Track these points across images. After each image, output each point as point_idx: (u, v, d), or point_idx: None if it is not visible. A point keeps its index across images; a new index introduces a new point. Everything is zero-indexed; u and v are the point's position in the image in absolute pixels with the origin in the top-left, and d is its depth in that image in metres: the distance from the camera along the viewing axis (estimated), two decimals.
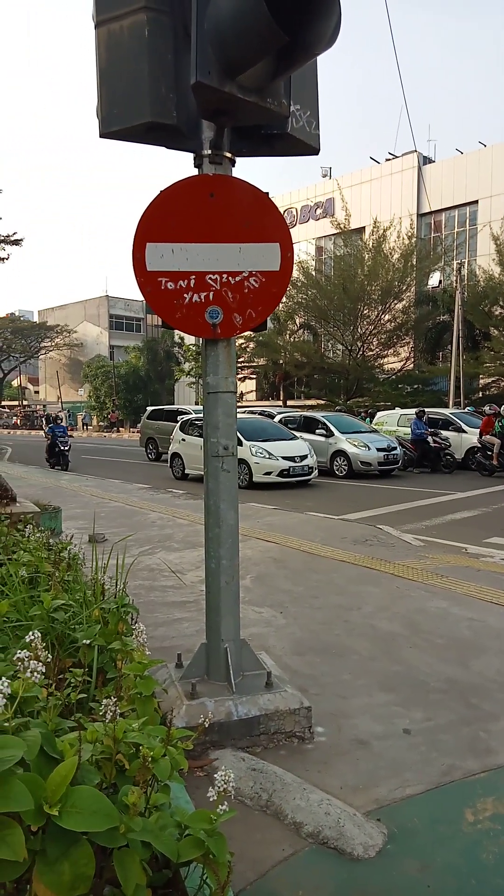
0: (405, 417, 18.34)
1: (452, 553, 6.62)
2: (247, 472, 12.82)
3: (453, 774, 2.53)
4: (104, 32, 2.50)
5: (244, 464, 12.71)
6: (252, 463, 12.82)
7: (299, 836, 2.13)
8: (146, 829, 1.30)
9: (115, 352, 62.19)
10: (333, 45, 2.19)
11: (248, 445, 12.91)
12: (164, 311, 2.72)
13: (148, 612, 4.39)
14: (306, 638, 4.04)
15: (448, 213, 38.26)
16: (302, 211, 43.31)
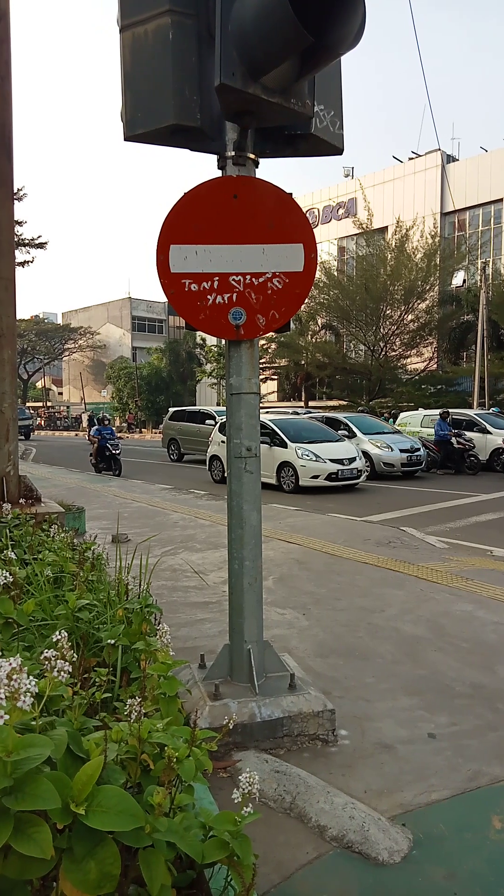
0: (428, 418, 18.16)
1: (477, 556, 6.54)
2: (292, 476, 12.39)
3: (479, 780, 2.50)
4: (129, 36, 2.52)
5: (289, 467, 12.43)
6: (298, 466, 12.31)
7: (323, 839, 2.11)
8: (171, 829, 1.30)
9: (137, 353, 62.66)
10: (358, 44, 2.18)
11: (294, 447, 12.47)
12: (187, 313, 2.73)
13: (171, 613, 4.40)
14: (329, 640, 4.02)
15: (472, 212, 37.84)
16: (324, 211, 43.18)
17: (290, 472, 12.45)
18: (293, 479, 12.38)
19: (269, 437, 12.90)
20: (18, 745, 1.14)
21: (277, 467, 12.71)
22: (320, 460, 12.36)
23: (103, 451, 16.10)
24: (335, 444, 13.24)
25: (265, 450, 12.76)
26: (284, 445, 12.68)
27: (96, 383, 65.03)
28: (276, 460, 12.72)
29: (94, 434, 16.63)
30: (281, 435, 12.86)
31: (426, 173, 39.14)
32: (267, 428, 13.06)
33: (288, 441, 12.63)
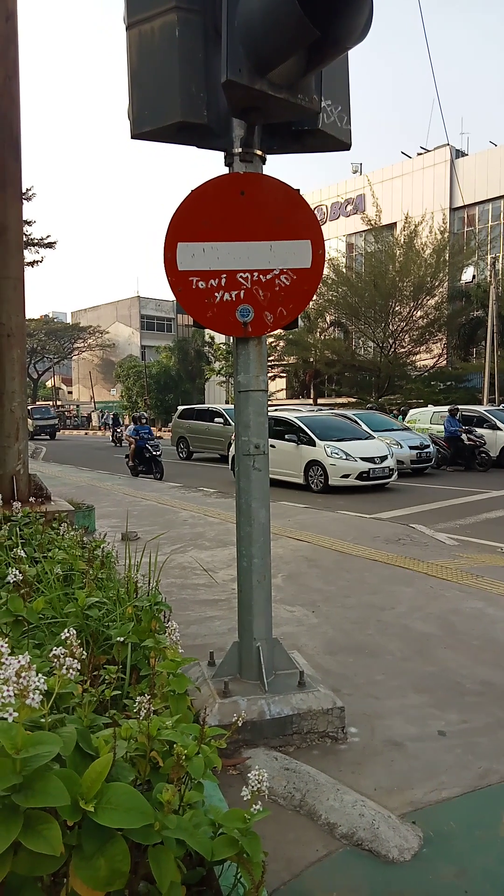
0: (438, 415, 18.09)
1: (487, 552, 6.50)
2: (321, 475, 11.97)
3: (490, 778, 2.49)
4: (135, 34, 2.51)
5: (318, 465, 12.04)
6: (328, 465, 11.88)
7: (333, 836, 2.11)
8: (180, 826, 1.30)
9: (146, 352, 62.71)
10: (365, 38, 2.16)
11: (323, 445, 12.07)
12: (195, 311, 2.73)
13: (180, 610, 4.41)
14: (339, 637, 4.02)
15: (482, 207, 37.58)
16: (332, 208, 43.04)
17: (318, 471, 12.06)
18: (322, 478, 11.98)
19: (296, 434, 12.61)
20: (28, 743, 1.14)
21: (305, 466, 12.31)
22: (351, 458, 11.94)
23: (142, 453, 14.79)
24: (365, 441, 12.84)
25: (291, 448, 12.53)
26: (312, 443, 12.27)
27: (105, 382, 65.20)
28: (303, 459, 12.35)
29: (131, 434, 15.25)
30: (308, 432, 12.47)
31: (435, 168, 38.91)
32: (293, 425, 12.82)
33: (316, 439, 12.23)
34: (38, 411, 42.72)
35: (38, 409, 43.83)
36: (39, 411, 43.08)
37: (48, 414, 43.55)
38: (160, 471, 14.56)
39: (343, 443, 12.33)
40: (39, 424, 40.13)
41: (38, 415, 41.67)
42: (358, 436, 13.13)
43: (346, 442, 12.42)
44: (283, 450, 12.62)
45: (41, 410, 43.83)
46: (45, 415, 42.78)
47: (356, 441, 12.66)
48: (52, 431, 41.38)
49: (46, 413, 43.61)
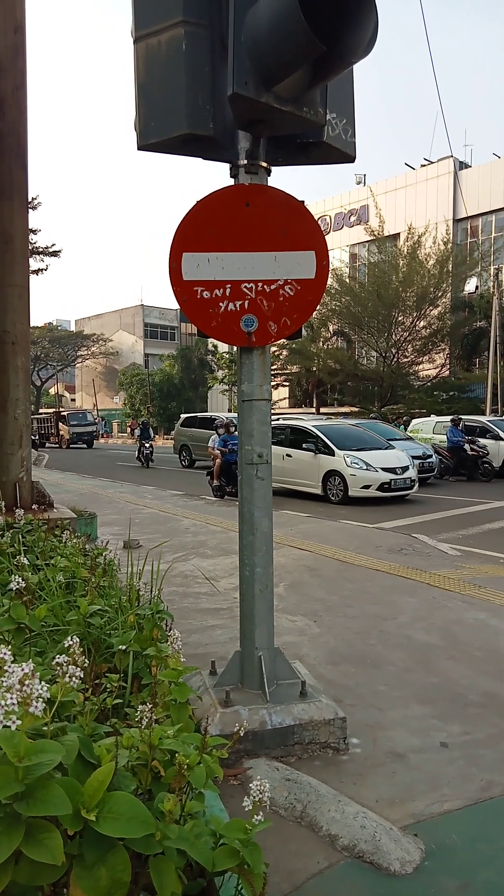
0: (441, 425, 18.08)
1: (490, 563, 6.49)
2: (341, 486, 11.64)
3: (493, 790, 2.47)
4: (143, 47, 2.54)
5: (337, 476, 11.72)
6: (347, 475, 11.56)
7: (334, 848, 2.10)
8: (182, 836, 1.29)
9: (149, 360, 62.91)
10: (370, 53, 2.18)
11: (342, 455, 11.75)
12: (199, 320, 2.75)
13: (182, 619, 4.40)
14: (341, 647, 4.00)
15: (485, 218, 37.71)
16: (336, 218, 43.23)
17: (337, 481, 11.76)
18: (341, 488, 11.67)
19: (314, 444, 12.32)
20: (30, 751, 1.14)
21: (323, 476, 12.01)
22: (371, 469, 11.62)
23: (231, 469, 12.02)
24: (386, 451, 12.51)
25: (309, 458, 12.24)
26: (331, 453, 11.95)
27: (108, 390, 65.35)
28: (321, 469, 12.05)
29: (219, 445, 12.65)
30: (327, 441, 12.16)
31: (438, 180, 39.09)
32: (311, 434, 12.60)
33: (335, 448, 11.92)
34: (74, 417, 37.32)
35: (75, 415, 38.01)
36: (76, 417, 37.53)
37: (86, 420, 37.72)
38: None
39: (363, 452, 12.05)
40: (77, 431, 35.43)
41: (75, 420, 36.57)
42: (377, 445, 12.81)
43: (366, 452, 12.15)
44: (299, 459, 12.41)
45: (78, 416, 38.02)
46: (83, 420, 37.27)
47: (376, 451, 12.36)
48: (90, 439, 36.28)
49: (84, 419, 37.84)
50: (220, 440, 12.71)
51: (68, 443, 35.32)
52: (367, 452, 12.13)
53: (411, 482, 12.05)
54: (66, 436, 35.52)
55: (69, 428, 35.54)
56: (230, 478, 12.05)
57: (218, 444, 12.74)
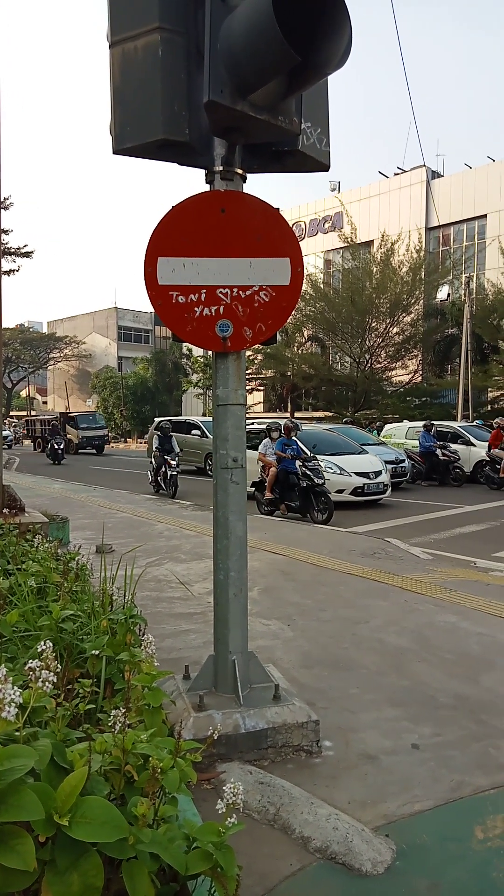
0: (413, 430, 18.32)
1: (461, 567, 6.58)
2: None
3: (462, 791, 2.51)
4: (118, 52, 2.55)
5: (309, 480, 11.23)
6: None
7: (307, 850, 2.11)
8: (155, 840, 1.30)
9: (123, 363, 62.55)
10: (344, 65, 2.22)
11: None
12: (174, 325, 2.75)
13: (155, 624, 4.39)
14: (314, 651, 4.03)
15: (457, 227, 38.36)
16: (311, 224, 43.55)
17: None
18: None
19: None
20: (2, 756, 1.13)
21: None
22: (345, 474, 11.66)
23: (287, 480, 10.36)
24: (359, 456, 12.56)
25: None
26: None
27: (81, 393, 64.76)
28: None
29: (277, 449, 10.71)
30: (301, 446, 11.91)
31: (411, 189, 39.66)
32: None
33: (310, 454, 11.70)
34: (84, 419, 33.59)
35: (85, 417, 34.17)
36: (86, 419, 33.71)
37: (96, 423, 33.68)
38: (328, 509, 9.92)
39: (336, 457, 12.09)
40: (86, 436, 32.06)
41: (85, 424, 33.00)
42: (351, 450, 12.88)
43: (340, 456, 12.19)
44: None
45: (88, 418, 34.03)
46: (93, 424, 33.41)
47: (350, 455, 12.42)
48: (101, 445, 32.46)
49: (94, 422, 33.75)
50: (278, 444, 10.81)
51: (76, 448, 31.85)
52: (340, 457, 12.22)
53: (384, 487, 12.16)
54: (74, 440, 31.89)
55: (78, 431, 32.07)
56: (286, 490, 10.45)
57: (275, 448, 10.83)
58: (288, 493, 10.59)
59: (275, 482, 10.66)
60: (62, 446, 24.67)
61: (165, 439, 13.59)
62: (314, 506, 10.22)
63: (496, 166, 36.34)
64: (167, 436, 13.72)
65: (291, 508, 10.58)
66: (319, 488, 10.18)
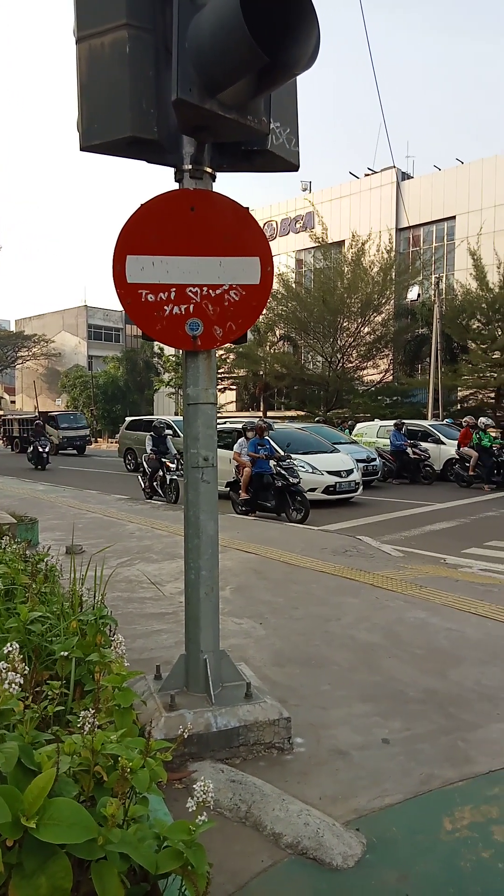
0: (384, 429, 18.51)
1: (431, 563, 6.68)
2: None
3: (431, 784, 2.55)
4: (85, 48, 2.52)
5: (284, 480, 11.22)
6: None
7: (278, 846, 2.13)
8: (124, 840, 1.29)
9: (93, 362, 61.94)
10: (313, 65, 2.24)
11: None
12: (144, 323, 2.74)
13: (126, 624, 4.36)
14: (286, 649, 4.05)
15: (426, 228, 38.85)
16: (282, 224, 43.68)
17: None
18: None
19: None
20: None
21: None
22: (317, 472, 11.76)
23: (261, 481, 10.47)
24: (331, 455, 12.68)
25: None
26: None
27: (51, 392, 63.94)
28: None
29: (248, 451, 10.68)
30: (273, 445, 11.93)
31: (381, 189, 40.04)
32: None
33: (282, 453, 11.75)
34: (65, 419, 32.15)
35: (66, 416, 32.66)
36: (67, 419, 32.21)
37: (77, 422, 32.36)
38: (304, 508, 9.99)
39: (308, 456, 12.19)
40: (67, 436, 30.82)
41: (66, 423, 31.54)
42: (323, 449, 13.00)
43: (312, 455, 12.30)
44: None
45: (69, 418, 32.56)
46: (74, 423, 32.05)
47: (322, 454, 12.54)
48: (82, 445, 31.37)
49: (75, 421, 32.45)
50: (251, 445, 10.74)
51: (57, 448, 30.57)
52: (312, 456, 12.31)
53: (356, 485, 12.28)
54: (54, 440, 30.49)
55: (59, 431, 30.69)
56: (260, 491, 10.47)
57: (248, 449, 10.77)
58: (263, 493, 10.60)
59: (249, 482, 10.65)
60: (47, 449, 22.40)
61: (160, 440, 12.70)
62: (290, 505, 10.28)
63: (465, 168, 36.90)
64: (161, 436, 12.76)
65: (267, 508, 10.59)
66: (295, 487, 10.22)
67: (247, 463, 10.68)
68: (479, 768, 2.66)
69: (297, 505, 10.18)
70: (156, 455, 12.35)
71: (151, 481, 12.42)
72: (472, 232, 33.22)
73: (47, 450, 22.28)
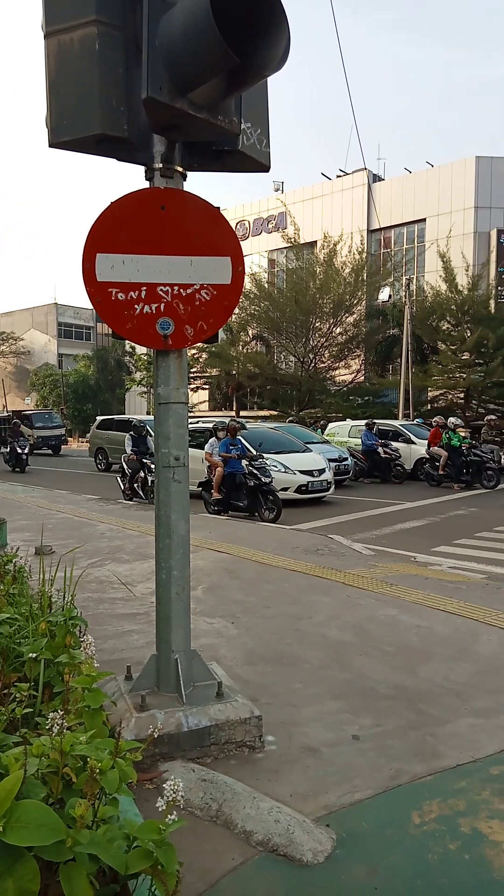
0: (356, 429, 18.68)
1: (401, 562, 6.76)
2: None
3: (401, 779, 2.59)
4: (54, 43, 2.50)
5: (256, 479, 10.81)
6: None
7: (249, 844, 2.13)
8: (93, 841, 1.29)
9: (63, 360, 61.22)
10: (283, 67, 2.25)
11: None
12: (114, 322, 2.72)
13: (97, 625, 4.33)
14: (258, 648, 4.06)
15: (397, 230, 39.26)
16: (255, 223, 43.72)
17: None
18: None
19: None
20: None
21: None
22: (289, 472, 11.86)
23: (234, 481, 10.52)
24: (303, 454, 12.78)
25: None
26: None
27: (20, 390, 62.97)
28: None
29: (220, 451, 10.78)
30: (246, 444, 11.90)
31: (353, 191, 40.34)
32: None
33: (254, 452, 11.71)
34: (39, 418, 30.69)
35: (41, 416, 31.20)
36: (42, 418, 30.81)
37: (52, 421, 31.07)
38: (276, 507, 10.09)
39: (281, 455, 12.27)
40: (42, 436, 29.64)
41: (40, 423, 30.21)
42: (295, 448, 13.08)
43: (284, 455, 12.38)
44: None
45: (43, 417, 31.13)
46: (49, 423, 30.77)
47: (294, 454, 12.62)
48: (58, 445, 30.28)
49: (50, 420, 31.09)
50: (222, 444, 10.80)
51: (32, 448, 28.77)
52: (285, 455, 12.39)
53: (328, 484, 12.36)
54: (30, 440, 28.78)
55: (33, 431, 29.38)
56: (232, 491, 10.46)
57: (220, 449, 10.83)
58: (235, 492, 10.57)
59: (221, 482, 10.62)
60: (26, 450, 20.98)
61: (140, 440, 12.28)
62: (262, 504, 10.29)
63: (434, 172, 37.38)
64: (142, 436, 12.34)
65: (239, 508, 10.56)
66: (267, 487, 10.24)
67: (219, 463, 10.69)
68: (446, 762, 2.70)
69: (269, 504, 10.23)
70: (136, 456, 12.08)
71: (132, 482, 12.14)
72: (442, 234, 33.69)
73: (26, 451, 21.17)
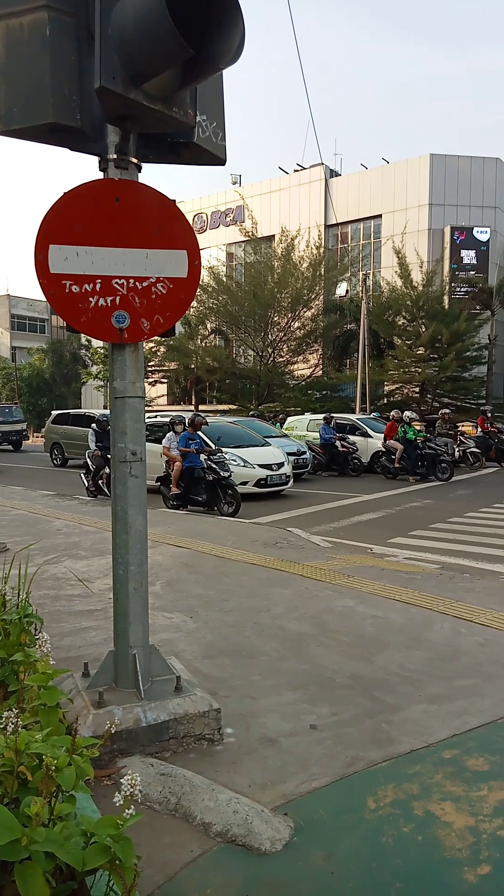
0: (314, 422, 18.84)
1: (358, 553, 6.87)
2: None
3: (357, 766, 2.64)
4: (2, 27, 2.43)
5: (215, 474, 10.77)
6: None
7: (208, 836, 2.15)
8: (49, 839, 1.28)
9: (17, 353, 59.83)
10: (238, 60, 2.25)
11: None
12: (68, 315, 2.68)
13: (53, 623, 4.27)
14: (217, 641, 4.07)
15: (354, 226, 39.61)
16: (212, 216, 43.50)
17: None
18: None
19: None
20: None
21: None
22: (248, 466, 11.91)
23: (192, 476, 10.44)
24: (262, 448, 12.82)
25: None
26: None
27: None
28: None
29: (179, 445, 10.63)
30: (205, 438, 11.89)
31: (311, 186, 40.50)
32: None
33: (213, 446, 11.75)
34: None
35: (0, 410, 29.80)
36: (2, 412, 29.32)
37: (13, 416, 29.51)
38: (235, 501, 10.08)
39: (240, 449, 12.29)
40: (3, 431, 28.41)
41: (1, 417, 28.79)
42: (254, 442, 13.11)
43: (243, 449, 12.40)
44: None
45: (4, 411, 29.60)
46: (10, 417, 29.26)
47: (253, 448, 12.66)
48: (18, 440, 29.11)
49: (11, 415, 29.52)
50: (181, 439, 10.65)
51: None
52: (244, 450, 12.42)
53: (286, 478, 12.46)
54: None
55: None
56: (191, 486, 10.40)
57: (179, 443, 10.65)
58: (194, 487, 10.53)
59: (180, 476, 10.55)
60: None
61: (104, 435, 11.82)
62: (222, 499, 10.27)
63: (390, 168, 37.84)
64: (106, 431, 11.75)
65: (198, 503, 10.51)
66: (226, 481, 10.23)
67: (177, 457, 10.61)
68: (401, 748, 2.77)
69: (228, 499, 10.22)
70: (100, 451, 11.67)
71: (96, 479, 11.73)
72: (398, 231, 34.14)
73: None
